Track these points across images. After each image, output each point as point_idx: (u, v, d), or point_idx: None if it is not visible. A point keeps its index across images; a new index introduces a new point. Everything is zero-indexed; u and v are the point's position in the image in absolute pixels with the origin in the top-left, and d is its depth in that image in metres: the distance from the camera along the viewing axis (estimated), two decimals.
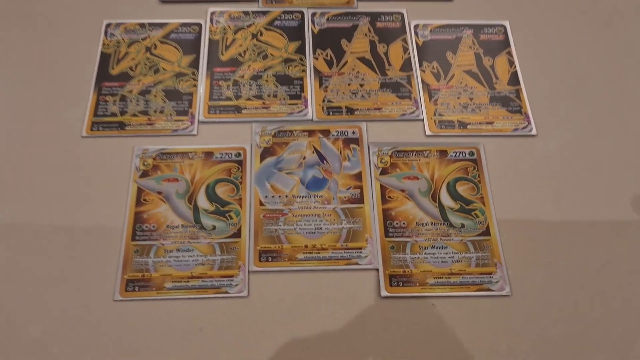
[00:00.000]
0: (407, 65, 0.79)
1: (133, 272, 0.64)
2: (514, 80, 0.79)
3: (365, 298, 0.63)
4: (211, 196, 0.68)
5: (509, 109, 0.76)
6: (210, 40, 0.81)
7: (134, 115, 0.74)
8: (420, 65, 0.80)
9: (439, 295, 0.63)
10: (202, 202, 0.68)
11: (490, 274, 0.65)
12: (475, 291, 0.64)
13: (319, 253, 0.65)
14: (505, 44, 0.83)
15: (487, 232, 0.67)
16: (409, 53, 0.81)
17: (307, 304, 0.63)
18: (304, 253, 0.65)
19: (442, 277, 0.64)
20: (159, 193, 0.68)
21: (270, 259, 0.65)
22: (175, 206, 0.68)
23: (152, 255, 0.65)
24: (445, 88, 0.78)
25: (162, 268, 0.64)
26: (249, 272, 0.64)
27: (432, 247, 0.66)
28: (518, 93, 0.78)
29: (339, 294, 0.63)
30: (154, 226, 0.66)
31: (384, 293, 0.63)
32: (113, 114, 0.74)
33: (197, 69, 0.78)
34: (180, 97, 0.76)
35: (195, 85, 0.77)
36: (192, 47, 0.80)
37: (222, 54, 0.79)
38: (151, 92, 0.76)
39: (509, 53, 0.82)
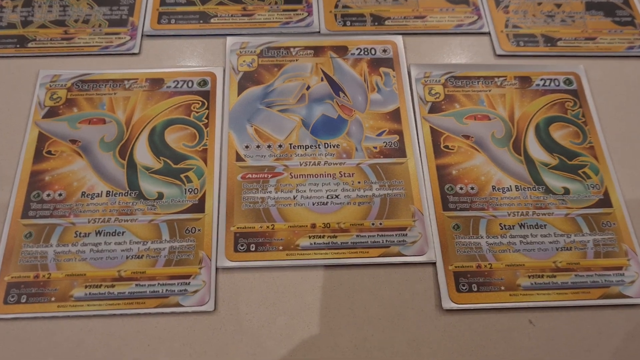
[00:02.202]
0: None
1: (21, 270, 0.37)
2: None
3: (415, 313, 0.37)
4: (158, 146, 0.42)
5: (615, 20, 0.50)
6: None
7: (43, 26, 0.48)
8: None
9: (539, 306, 0.37)
10: (143, 155, 0.42)
11: (620, 268, 0.39)
12: (598, 298, 0.38)
13: (335, 237, 0.39)
14: None
15: (606, 200, 0.41)
16: None
17: (315, 325, 0.36)
18: (310, 237, 0.39)
19: (543, 276, 0.38)
20: (74, 142, 0.42)
21: (252, 247, 0.38)
22: (99, 162, 0.41)
23: (54, 243, 0.38)
24: None
25: (70, 264, 0.38)
26: (216, 269, 0.38)
27: (522, 225, 0.40)
28: None
29: (370, 306, 0.37)
30: (61, 194, 0.40)
31: (447, 304, 0.37)
32: (10, 25, 0.48)
33: None
34: (117, 0, 0.49)
35: None
36: None
37: None
38: None
39: None
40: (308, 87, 0.45)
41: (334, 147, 0.42)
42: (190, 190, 0.40)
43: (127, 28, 0.47)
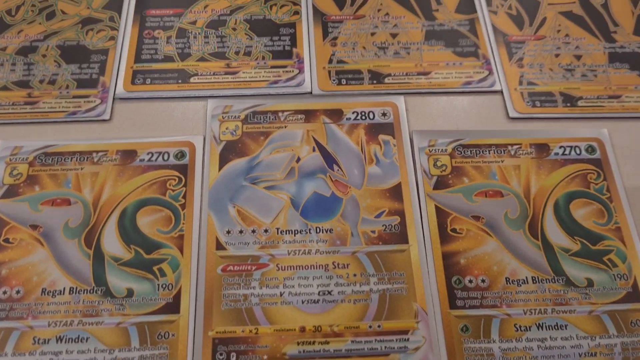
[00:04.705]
0: (466, 4, 0.48)
1: None
2: None
3: None
4: (129, 233, 0.37)
5: None
6: None
7: (5, 88, 0.43)
8: (489, 3, 0.48)
9: None
10: (112, 243, 0.37)
11: None
12: None
13: (327, 344, 0.34)
14: None
15: (635, 294, 0.36)
16: None
17: None
18: (298, 344, 0.34)
19: None
20: (35, 227, 0.37)
21: (233, 357, 0.34)
22: (62, 252, 0.37)
23: (9, 351, 0.34)
24: (534, 39, 0.47)
25: None
26: None
27: (540, 326, 0.35)
28: None
29: None
30: (18, 291, 0.35)
31: None
32: None
33: (119, 12, 0.47)
34: (87, 57, 0.44)
35: (113, 38, 0.45)
36: None
37: None
38: (38, 50, 0.45)
39: None
40: (298, 159, 0.40)
41: (326, 231, 0.38)
42: (164, 285, 0.36)
43: (97, 90, 0.43)
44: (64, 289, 0.35)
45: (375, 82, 0.44)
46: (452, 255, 0.37)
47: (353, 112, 0.42)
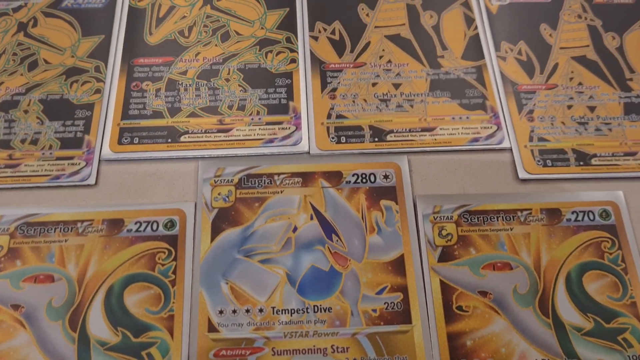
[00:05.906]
0: (474, 49, 0.45)
1: None
2: None
3: None
4: (116, 313, 0.35)
5: None
6: (130, 8, 0.47)
7: None
8: (497, 48, 0.46)
9: None
10: (98, 326, 0.35)
11: None
12: None
13: None
14: (639, 9, 0.48)
15: None
16: (476, 27, 0.46)
17: None
18: None
19: None
20: (16, 307, 0.35)
21: None
22: (45, 335, 0.35)
23: None
24: (545, 89, 0.44)
25: None
26: None
27: None
28: None
29: None
30: None
31: None
32: None
33: (105, 62, 0.44)
34: (71, 113, 0.42)
35: (99, 91, 0.43)
36: (98, 22, 0.46)
37: (150, 33, 0.45)
38: (20, 105, 0.42)
39: None
40: (295, 229, 0.38)
41: (325, 310, 0.35)
42: None
43: (82, 150, 0.40)
44: None
45: (376, 139, 0.41)
46: (458, 337, 0.35)
47: (353, 175, 0.40)
